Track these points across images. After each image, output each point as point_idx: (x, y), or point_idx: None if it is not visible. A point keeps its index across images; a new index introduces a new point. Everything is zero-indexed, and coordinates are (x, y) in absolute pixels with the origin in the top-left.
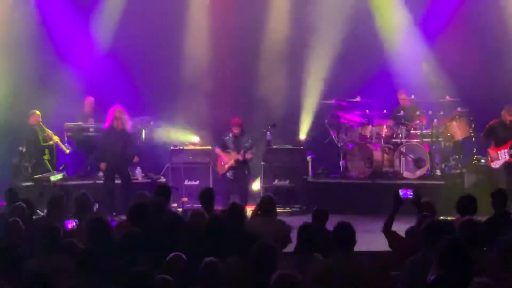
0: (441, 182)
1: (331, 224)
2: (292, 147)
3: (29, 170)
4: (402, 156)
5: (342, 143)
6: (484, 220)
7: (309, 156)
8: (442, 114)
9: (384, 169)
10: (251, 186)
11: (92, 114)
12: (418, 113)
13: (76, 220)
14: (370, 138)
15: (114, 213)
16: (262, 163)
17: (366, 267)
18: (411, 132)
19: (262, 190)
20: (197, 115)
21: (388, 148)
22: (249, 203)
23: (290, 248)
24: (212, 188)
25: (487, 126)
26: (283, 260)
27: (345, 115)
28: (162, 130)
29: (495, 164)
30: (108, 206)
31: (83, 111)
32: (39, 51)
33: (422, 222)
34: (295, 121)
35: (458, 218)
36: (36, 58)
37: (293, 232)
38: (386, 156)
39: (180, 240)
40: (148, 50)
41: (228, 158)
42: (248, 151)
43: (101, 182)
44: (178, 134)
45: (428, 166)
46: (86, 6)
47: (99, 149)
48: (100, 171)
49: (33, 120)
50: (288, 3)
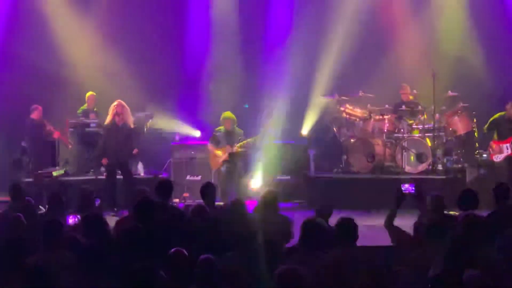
0: (443, 177)
1: (333, 219)
2: (294, 143)
3: (30, 165)
4: (404, 150)
5: (344, 138)
6: (486, 215)
7: (311, 152)
8: (444, 108)
9: (386, 163)
10: (246, 180)
11: (94, 110)
12: (420, 107)
13: (78, 216)
14: (372, 133)
15: (115, 208)
16: (262, 158)
17: (369, 262)
18: (413, 126)
19: (264, 185)
20: (198, 110)
21: (390, 143)
22: (250, 198)
23: (292, 243)
24: (214, 183)
25: (491, 119)
26: (285, 255)
27: (346, 110)
28: (163, 125)
29: (497, 158)
30: (110, 202)
31: (85, 106)
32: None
33: (425, 217)
34: (298, 116)
35: (460, 213)
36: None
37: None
38: (388, 151)
39: (181, 235)
40: (149, 44)
41: (222, 153)
42: (235, 145)
43: (102, 177)
44: (179, 128)
45: (430, 160)
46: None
47: (100, 144)
48: (102, 167)
49: (35, 115)
50: None
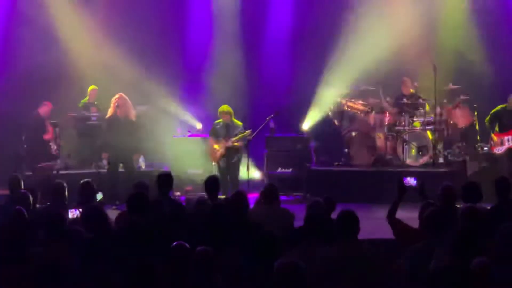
0: (444, 170)
1: (334, 212)
2: (295, 135)
3: (31, 159)
4: (405, 143)
5: (345, 131)
6: (488, 208)
7: (312, 144)
8: (445, 101)
9: (387, 156)
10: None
11: (95, 103)
12: (421, 100)
13: (80, 209)
14: (373, 126)
15: (117, 201)
16: (265, 151)
17: (370, 255)
18: (414, 119)
19: (265, 178)
20: (201, 103)
21: (391, 136)
22: (251, 191)
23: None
24: (217, 176)
25: (492, 112)
26: (286, 249)
27: (348, 103)
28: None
29: (498, 150)
30: (112, 195)
31: (86, 99)
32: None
33: (425, 210)
34: (299, 109)
35: (462, 206)
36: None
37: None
38: (389, 144)
39: (182, 229)
40: (151, 39)
41: (221, 146)
42: (231, 138)
43: (104, 171)
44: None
45: (431, 153)
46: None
47: (102, 138)
48: (104, 160)
49: (42, 110)
50: None
